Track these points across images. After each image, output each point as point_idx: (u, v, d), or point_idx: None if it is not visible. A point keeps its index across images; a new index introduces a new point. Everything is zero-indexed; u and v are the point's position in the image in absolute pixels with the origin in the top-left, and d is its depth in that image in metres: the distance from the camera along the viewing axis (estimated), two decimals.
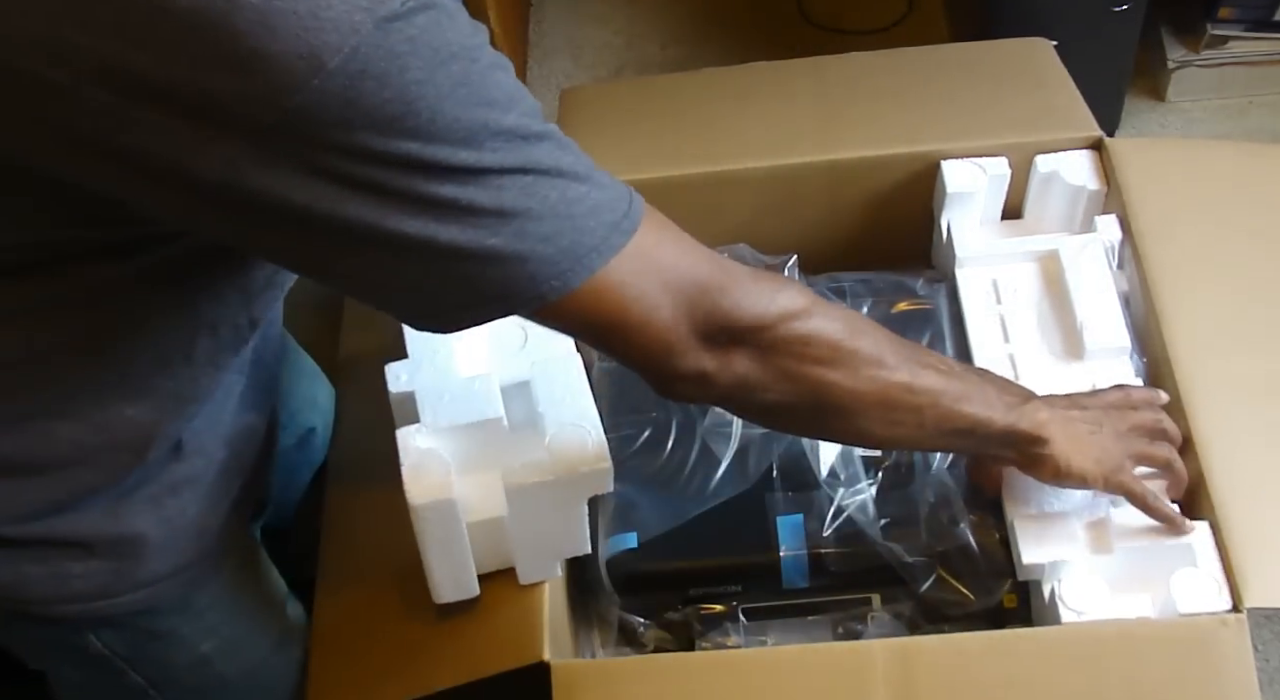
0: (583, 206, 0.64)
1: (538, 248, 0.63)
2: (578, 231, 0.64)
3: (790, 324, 0.73)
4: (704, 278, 0.71)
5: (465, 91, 0.58)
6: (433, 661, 0.92)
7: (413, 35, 0.55)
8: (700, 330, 0.71)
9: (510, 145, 0.61)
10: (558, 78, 1.97)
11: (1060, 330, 1.04)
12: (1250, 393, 0.95)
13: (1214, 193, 1.09)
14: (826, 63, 1.26)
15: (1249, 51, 1.78)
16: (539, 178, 0.62)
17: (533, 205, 0.62)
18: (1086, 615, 0.87)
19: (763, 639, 0.98)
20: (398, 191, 0.58)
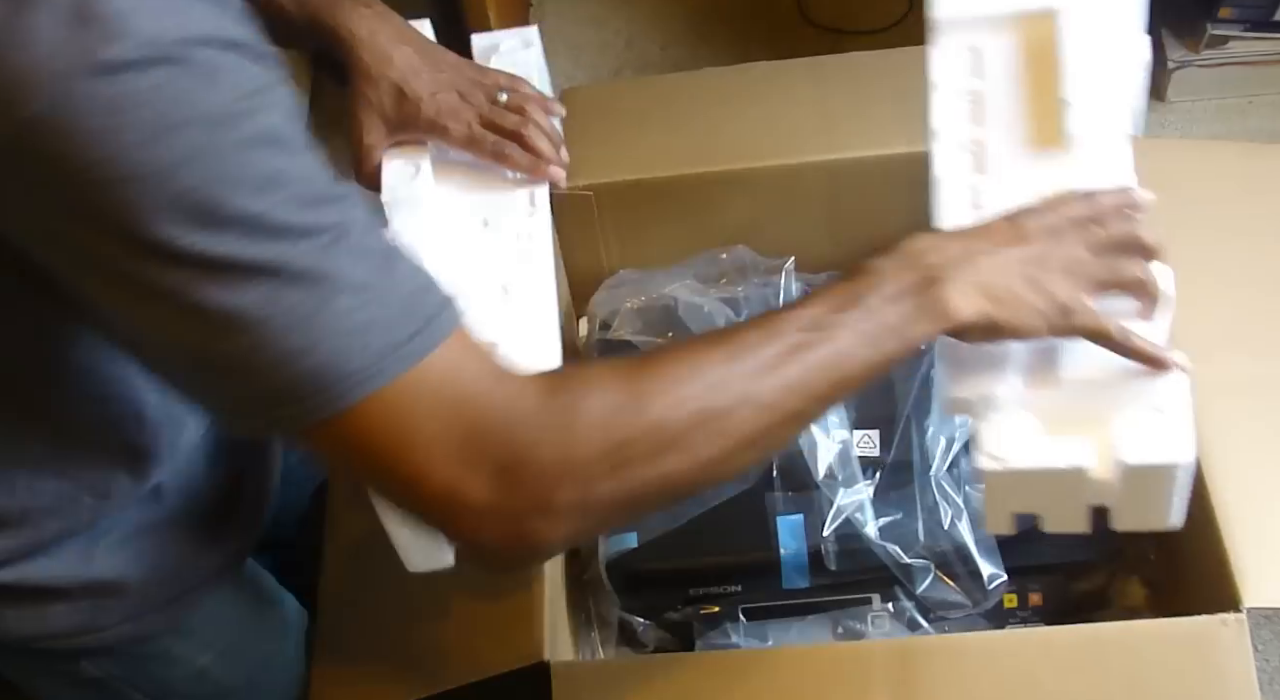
0: (348, 323, 0.54)
1: (280, 367, 0.53)
2: (335, 353, 0.54)
3: (601, 441, 0.60)
4: (501, 418, 0.58)
5: (201, 165, 0.50)
6: (433, 662, 0.92)
7: (138, 91, 0.48)
8: (501, 485, 0.58)
9: (254, 238, 0.52)
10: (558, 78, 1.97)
11: (1045, 111, 0.84)
12: (1250, 393, 0.95)
13: (1214, 193, 1.09)
14: (826, 63, 1.26)
15: (1249, 51, 1.78)
16: (288, 283, 0.53)
17: (274, 315, 0.52)
18: (1007, 463, 0.71)
19: (763, 639, 0.98)
20: (116, 270, 0.52)
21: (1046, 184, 0.77)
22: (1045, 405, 0.72)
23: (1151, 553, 1.01)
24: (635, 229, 1.19)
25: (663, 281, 1.13)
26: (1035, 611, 0.97)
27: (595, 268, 1.22)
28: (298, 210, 0.53)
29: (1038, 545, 0.96)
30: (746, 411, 0.63)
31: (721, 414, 0.62)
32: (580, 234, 1.19)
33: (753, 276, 1.13)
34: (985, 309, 0.68)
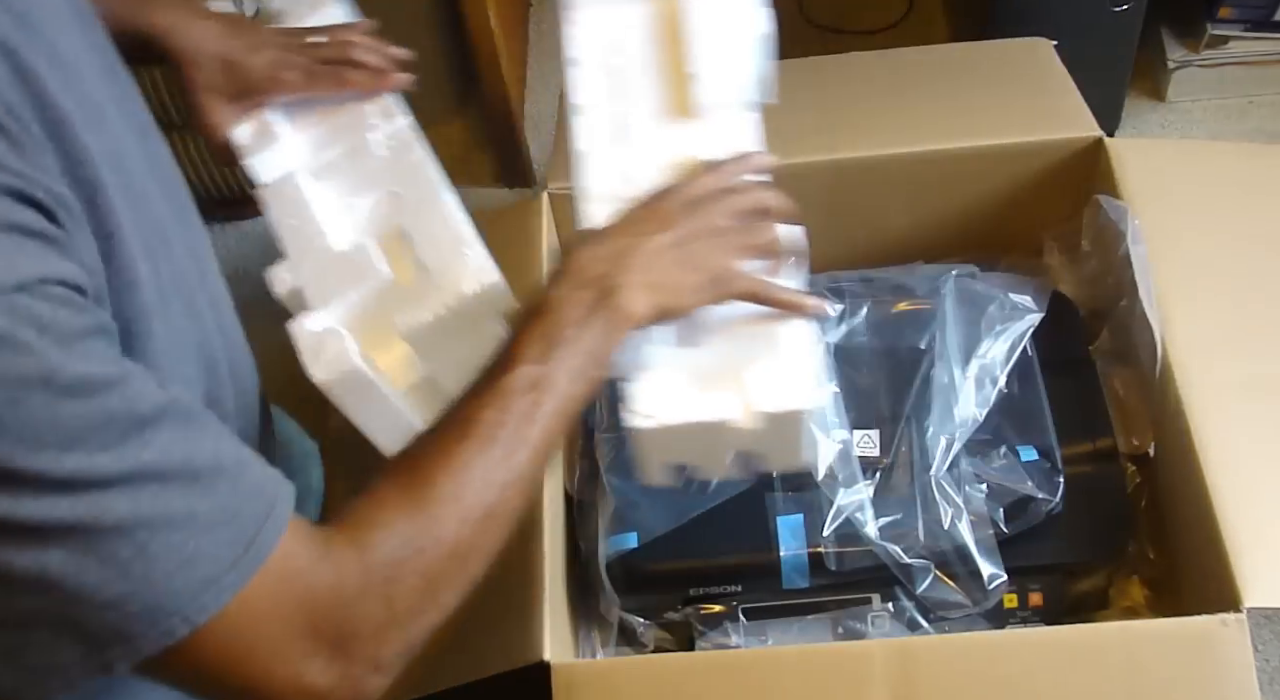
0: (170, 562, 0.53)
1: (103, 614, 0.53)
2: (161, 594, 0.53)
3: (416, 585, 0.63)
4: (331, 602, 0.60)
5: (2, 429, 0.48)
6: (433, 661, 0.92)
7: None
8: (338, 662, 0.60)
9: (60, 496, 0.50)
10: (557, 78, 1.97)
11: (677, 83, 0.88)
12: (1250, 393, 0.95)
13: (1214, 193, 1.10)
14: (826, 63, 1.26)
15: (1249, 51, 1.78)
16: (101, 537, 0.51)
17: (87, 570, 0.52)
18: (657, 420, 0.76)
19: (763, 639, 0.98)
20: None
21: (682, 153, 0.83)
22: (690, 363, 0.78)
23: (1151, 552, 1.01)
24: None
25: None
26: (1035, 611, 0.97)
27: None
28: (108, 457, 0.52)
29: (1038, 545, 0.96)
30: (513, 493, 0.67)
31: (498, 507, 0.66)
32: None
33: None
34: (656, 302, 0.73)
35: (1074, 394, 1.04)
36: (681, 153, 0.84)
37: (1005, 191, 1.18)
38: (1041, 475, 0.98)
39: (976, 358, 1.04)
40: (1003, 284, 1.10)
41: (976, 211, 1.19)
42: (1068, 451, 1.00)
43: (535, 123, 1.88)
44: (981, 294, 1.08)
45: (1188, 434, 0.92)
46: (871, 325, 1.09)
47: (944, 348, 1.05)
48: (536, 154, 1.81)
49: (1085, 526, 0.97)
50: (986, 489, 0.98)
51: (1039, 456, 0.99)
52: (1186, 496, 0.93)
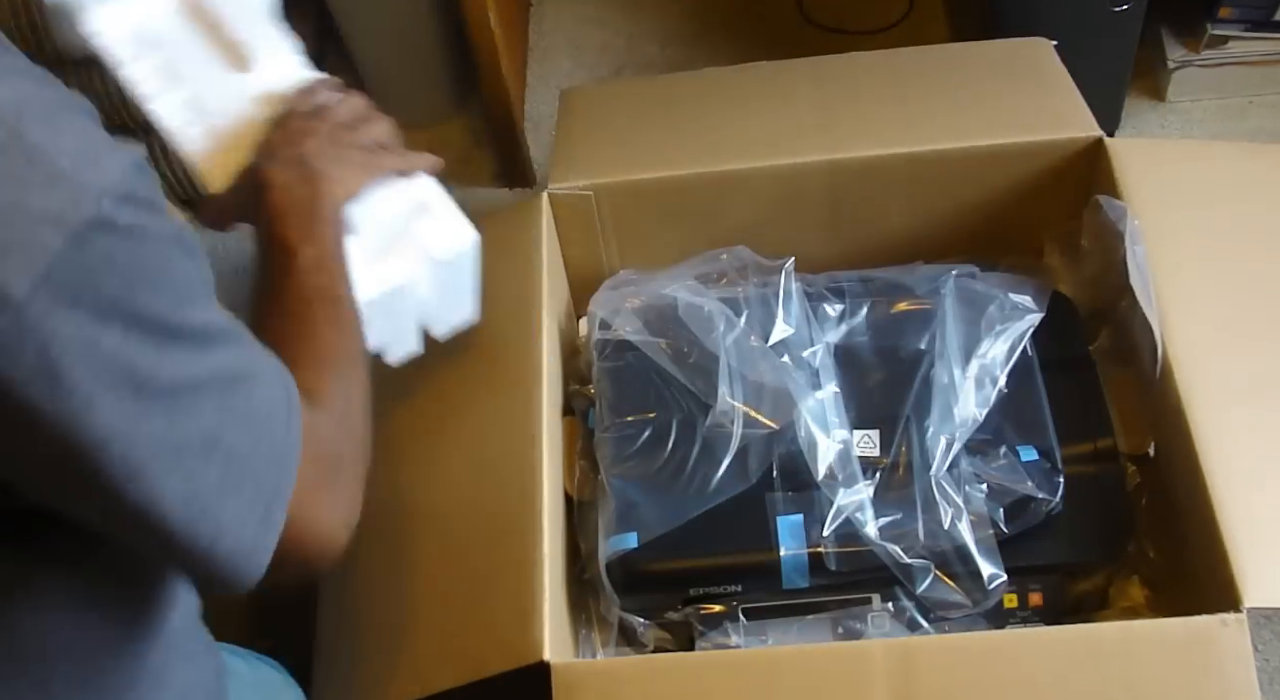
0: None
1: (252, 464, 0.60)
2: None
3: (353, 488, 0.71)
4: (319, 531, 0.66)
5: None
6: (433, 662, 0.92)
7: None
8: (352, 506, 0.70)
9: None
10: (558, 78, 1.97)
11: (222, 46, 0.93)
12: (1250, 393, 0.95)
13: (1214, 193, 1.09)
14: (826, 63, 1.26)
15: (1249, 51, 1.77)
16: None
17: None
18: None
19: (763, 639, 0.98)
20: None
21: (256, 97, 0.91)
22: (364, 245, 0.87)
23: (1151, 552, 1.01)
24: (635, 229, 1.19)
25: (663, 282, 1.13)
26: (1035, 611, 0.97)
27: (595, 268, 1.22)
28: (219, 315, 0.59)
29: (1038, 545, 0.96)
30: (358, 341, 0.78)
31: (359, 356, 0.77)
32: (580, 234, 1.19)
33: (753, 276, 1.13)
34: (347, 180, 0.84)
35: (1074, 394, 1.04)
36: (256, 95, 0.91)
37: (1005, 191, 1.18)
38: (1041, 475, 0.98)
39: (976, 358, 1.04)
40: (1003, 284, 1.10)
41: (976, 211, 1.19)
42: (1068, 451, 1.00)
43: (535, 123, 1.88)
44: (981, 294, 1.08)
45: (1188, 434, 0.92)
46: (871, 325, 1.09)
47: (944, 348, 1.05)
48: (536, 154, 1.81)
49: (1085, 526, 0.98)
50: (986, 489, 0.98)
51: (1039, 456, 0.99)
52: (1186, 496, 0.93)
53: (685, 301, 1.10)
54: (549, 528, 0.95)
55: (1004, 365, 1.04)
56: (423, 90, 1.87)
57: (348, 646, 0.96)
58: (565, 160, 1.20)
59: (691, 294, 1.11)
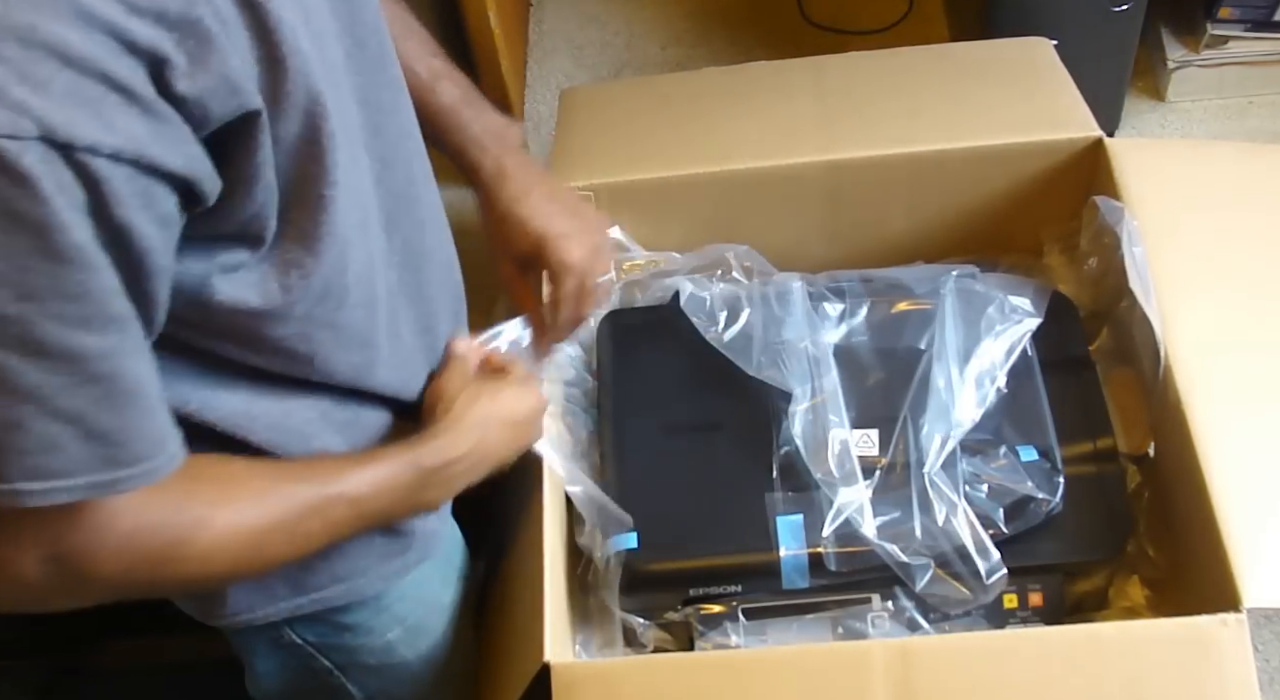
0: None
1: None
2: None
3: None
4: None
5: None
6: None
7: None
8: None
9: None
10: (558, 78, 1.97)
11: None
12: (1250, 393, 0.95)
13: (1214, 193, 1.09)
14: (826, 63, 1.26)
15: (1249, 51, 1.78)
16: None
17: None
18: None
19: (763, 639, 0.98)
20: None
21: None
22: None
23: (1151, 552, 1.01)
24: (635, 228, 1.19)
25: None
26: (1035, 611, 0.97)
27: None
28: (52, 325, 0.54)
29: (1038, 545, 0.96)
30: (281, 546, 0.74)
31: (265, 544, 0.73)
32: None
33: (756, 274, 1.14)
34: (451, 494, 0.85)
35: (1074, 394, 1.04)
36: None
37: (1005, 191, 1.18)
38: (1041, 475, 0.98)
39: (976, 358, 1.04)
40: (1002, 285, 1.10)
41: (976, 211, 1.19)
42: (1068, 451, 1.00)
43: (535, 123, 1.88)
44: (981, 295, 1.08)
45: (1188, 434, 0.92)
46: (871, 325, 1.09)
47: (943, 348, 1.05)
48: (536, 154, 1.81)
49: (1085, 526, 0.97)
50: (986, 489, 0.98)
51: (1039, 456, 0.99)
52: (1186, 496, 0.93)
53: (689, 292, 1.10)
54: (549, 528, 0.96)
55: (1003, 365, 1.04)
56: None
57: None
58: (565, 160, 1.20)
59: (695, 286, 1.11)
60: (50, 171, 0.51)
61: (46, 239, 0.52)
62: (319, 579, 0.84)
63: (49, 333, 0.55)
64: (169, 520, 0.67)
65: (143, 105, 0.54)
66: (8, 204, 0.51)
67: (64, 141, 0.51)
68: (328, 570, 0.84)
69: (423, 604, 0.94)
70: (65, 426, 0.57)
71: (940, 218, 1.20)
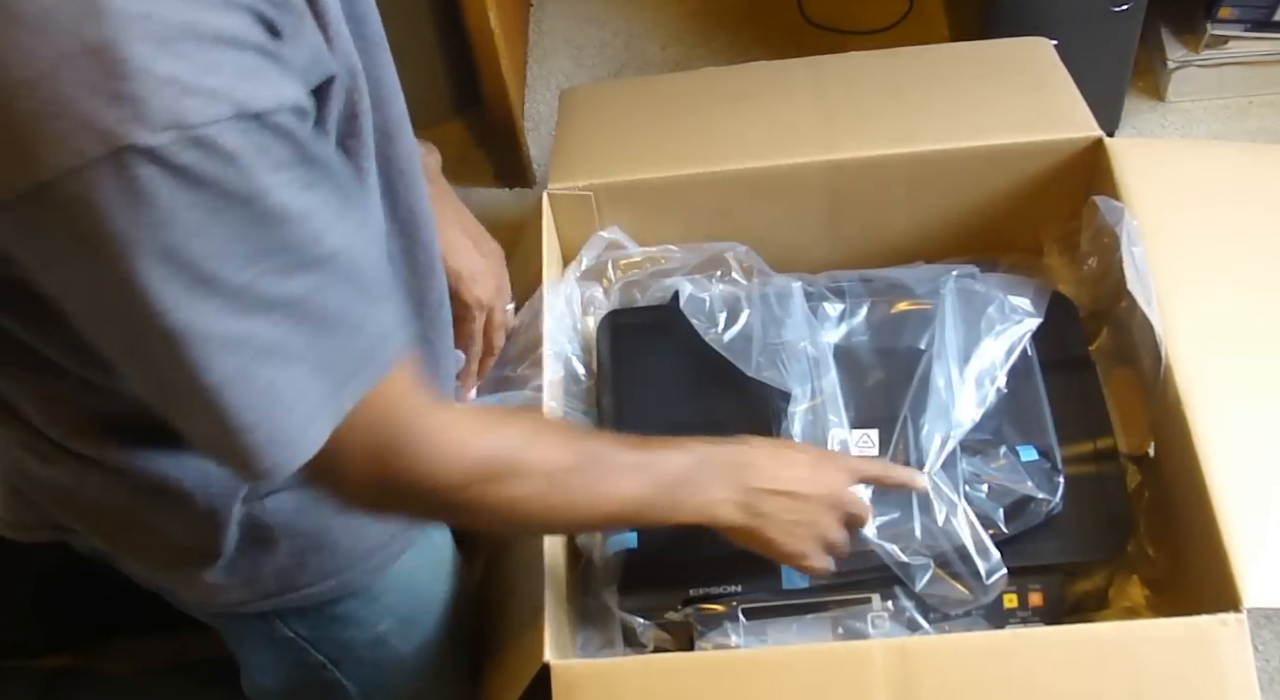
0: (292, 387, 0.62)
1: (232, 435, 0.61)
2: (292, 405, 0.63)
3: (471, 487, 0.73)
4: (405, 438, 0.69)
5: (206, 239, 0.56)
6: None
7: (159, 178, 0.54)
8: (381, 485, 0.70)
9: (235, 309, 0.59)
10: (558, 78, 1.97)
11: None
12: (1250, 393, 0.95)
13: (1214, 193, 1.09)
14: (826, 63, 1.26)
15: (1249, 51, 1.77)
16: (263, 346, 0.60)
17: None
18: None
19: (763, 639, 0.98)
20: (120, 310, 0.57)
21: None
22: None
23: (1151, 552, 1.01)
24: (635, 228, 1.19)
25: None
26: (1035, 611, 0.97)
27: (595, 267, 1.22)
28: (272, 281, 0.58)
29: (1038, 545, 0.96)
30: (573, 518, 0.83)
31: (562, 512, 0.80)
32: (580, 233, 1.19)
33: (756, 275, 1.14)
34: (750, 532, 0.88)
35: (1074, 394, 1.04)
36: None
37: (1005, 191, 1.18)
38: (1041, 475, 0.98)
39: (976, 358, 1.04)
40: (1002, 285, 1.10)
41: (976, 211, 1.19)
42: (1068, 451, 1.00)
43: (535, 123, 1.88)
44: (981, 295, 1.08)
45: (1188, 434, 0.92)
46: (871, 325, 1.09)
47: (943, 348, 1.05)
48: (536, 154, 1.81)
49: (1085, 526, 0.97)
50: (986, 489, 0.98)
51: (1039, 456, 0.99)
52: (1186, 496, 0.93)
53: (688, 293, 1.10)
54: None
55: (1003, 365, 1.04)
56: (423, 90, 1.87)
57: None
58: (565, 160, 1.20)
59: (694, 287, 1.11)
60: (251, 142, 0.55)
61: (255, 206, 0.57)
62: (309, 577, 0.85)
63: (272, 285, 0.59)
64: (495, 430, 0.74)
65: (283, 65, 0.58)
66: (221, 185, 0.55)
67: (254, 112, 0.55)
68: (317, 567, 0.85)
69: (413, 595, 0.94)
70: (301, 365, 0.61)
71: (940, 218, 1.20)
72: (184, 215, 0.54)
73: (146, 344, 0.58)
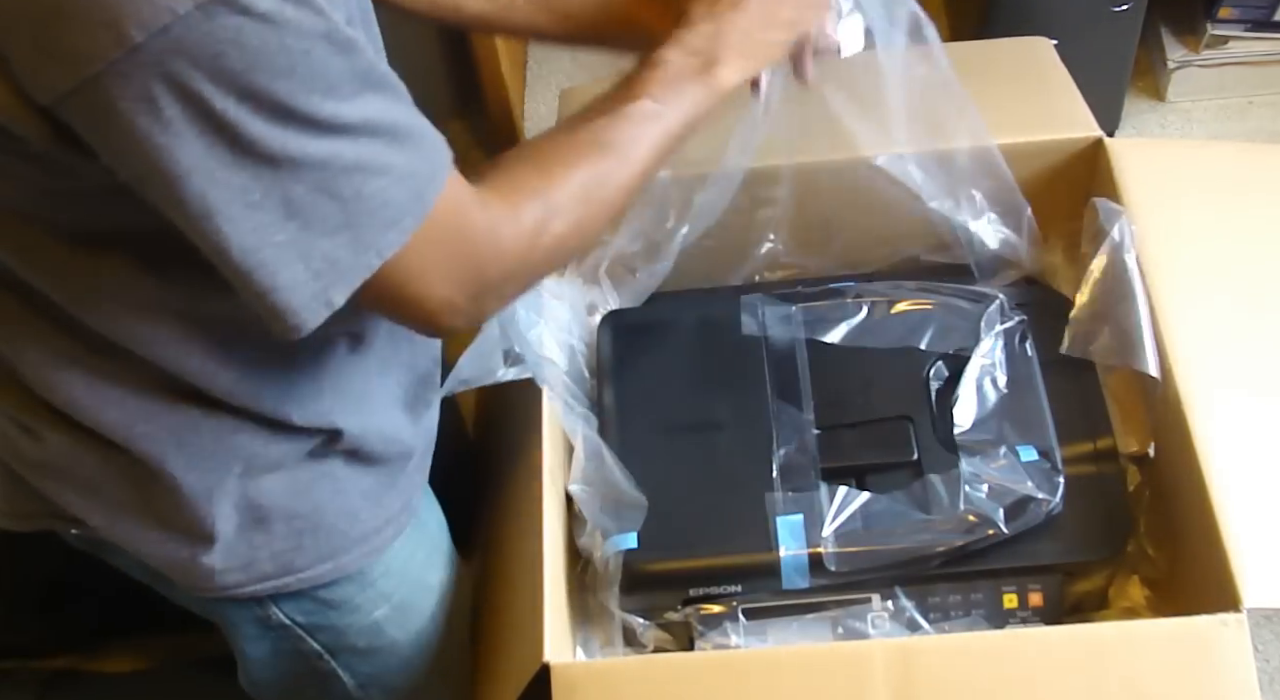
0: (378, 198, 0.66)
1: (320, 241, 0.65)
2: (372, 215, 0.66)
3: (536, 242, 0.77)
4: (485, 245, 0.74)
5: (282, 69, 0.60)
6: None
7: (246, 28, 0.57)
8: (477, 297, 0.75)
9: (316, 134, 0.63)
10: (558, 78, 1.97)
11: None
12: (1250, 393, 0.95)
13: (1214, 193, 1.09)
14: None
15: (1249, 51, 1.78)
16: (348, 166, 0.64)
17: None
18: None
19: (763, 639, 0.98)
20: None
21: None
22: None
23: (1151, 552, 1.01)
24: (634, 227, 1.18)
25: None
26: (1035, 611, 0.97)
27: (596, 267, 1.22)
28: (350, 107, 0.63)
29: (1038, 545, 0.96)
30: (617, 194, 0.83)
31: (607, 201, 0.82)
32: None
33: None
34: (746, 72, 0.90)
35: (1074, 394, 1.04)
36: None
37: None
38: (1041, 475, 0.98)
39: (976, 358, 1.04)
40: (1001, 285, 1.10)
41: None
42: (1068, 451, 1.00)
43: (535, 123, 1.88)
44: (981, 294, 1.08)
45: (1188, 434, 0.92)
46: (871, 325, 1.09)
47: (943, 348, 1.05)
48: None
49: (1085, 526, 0.97)
50: (986, 489, 0.98)
51: (1039, 456, 0.99)
52: (1186, 496, 0.93)
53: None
54: (549, 528, 0.96)
55: (1003, 365, 1.04)
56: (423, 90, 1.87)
57: None
58: None
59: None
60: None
61: (335, 40, 0.61)
62: (304, 559, 0.85)
63: (349, 109, 0.63)
64: (519, 183, 0.77)
65: None
66: (301, 25, 0.59)
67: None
68: (313, 549, 0.85)
69: (408, 581, 0.95)
70: (387, 176, 0.66)
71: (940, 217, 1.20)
72: (271, 58, 0.58)
73: (252, 181, 0.61)
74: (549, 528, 0.95)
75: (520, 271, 0.78)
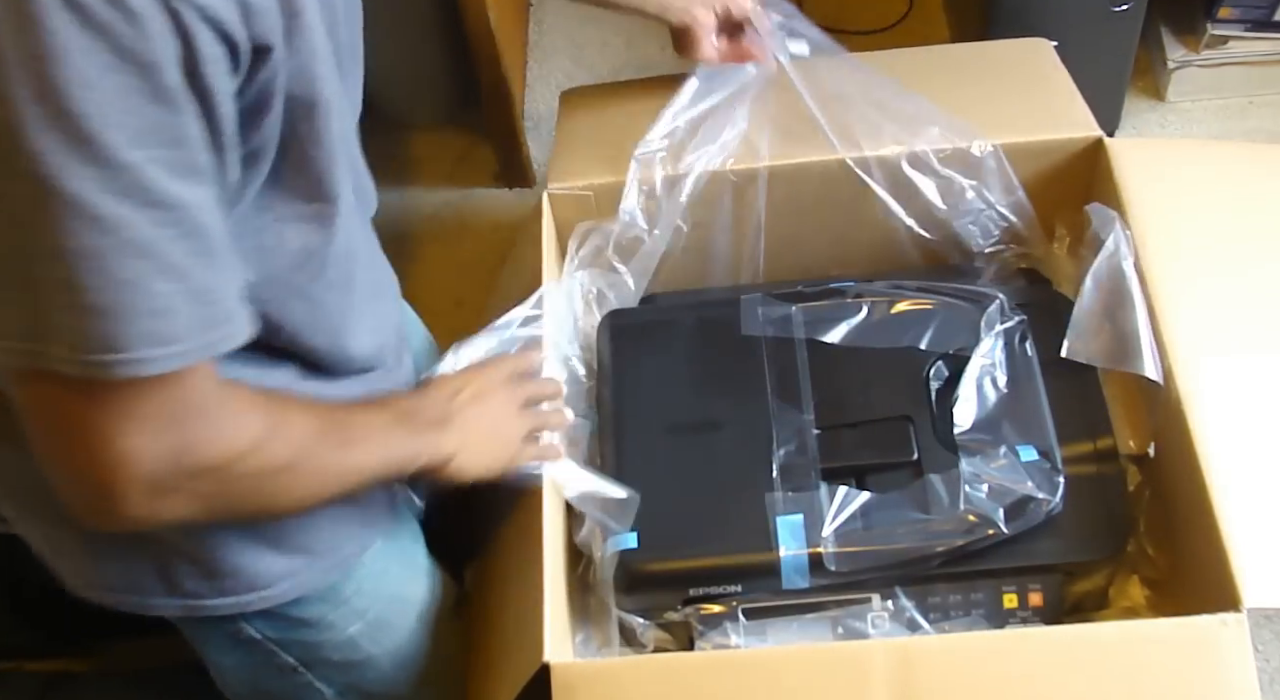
0: (155, 305, 0.60)
1: (79, 310, 0.58)
2: (137, 328, 0.60)
3: (248, 459, 0.70)
4: (208, 408, 0.66)
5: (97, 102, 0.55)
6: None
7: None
8: (170, 465, 0.66)
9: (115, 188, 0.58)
10: (558, 78, 1.97)
11: None
12: (1250, 393, 0.95)
13: (1214, 193, 1.09)
14: (826, 62, 1.26)
15: (1249, 51, 1.78)
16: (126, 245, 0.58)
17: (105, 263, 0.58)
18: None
19: (763, 639, 0.98)
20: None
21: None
22: None
23: (1151, 552, 1.01)
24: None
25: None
26: (1035, 611, 0.97)
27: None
28: (161, 171, 0.57)
29: (1038, 545, 0.96)
30: (322, 482, 0.78)
31: (309, 483, 0.77)
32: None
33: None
34: (475, 474, 0.90)
35: (1074, 394, 1.04)
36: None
37: None
38: (1041, 475, 0.98)
39: (976, 358, 1.04)
40: (1002, 284, 1.10)
41: None
42: (1068, 451, 1.00)
43: (535, 123, 1.88)
44: (981, 294, 1.08)
45: (1188, 434, 0.92)
46: (871, 325, 1.09)
47: (943, 348, 1.05)
48: (536, 154, 1.81)
49: (1085, 526, 0.97)
50: (986, 489, 0.98)
51: (1039, 456, 0.99)
52: (1186, 496, 0.93)
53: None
54: (549, 528, 0.96)
55: (1003, 365, 1.04)
56: (423, 90, 1.87)
57: None
58: (565, 160, 1.20)
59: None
60: (157, 14, 0.55)
61: (151, 80, 0.55)
62: (265, 579, 0.84)
63: (157, 180, 0.57)
64: (255, 398, 0.71)
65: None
66: (120, 40, 0.54)
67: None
68: (272, 566, 0.84)
69: (382, 597, 0.94)
70: (175, 284, 0.59)
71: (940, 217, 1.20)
72: (76, 58, 0.53)
73: (10, 187, 0.56)
74: (549, 528, 0.95)
75: (221, 479, 0.69)
